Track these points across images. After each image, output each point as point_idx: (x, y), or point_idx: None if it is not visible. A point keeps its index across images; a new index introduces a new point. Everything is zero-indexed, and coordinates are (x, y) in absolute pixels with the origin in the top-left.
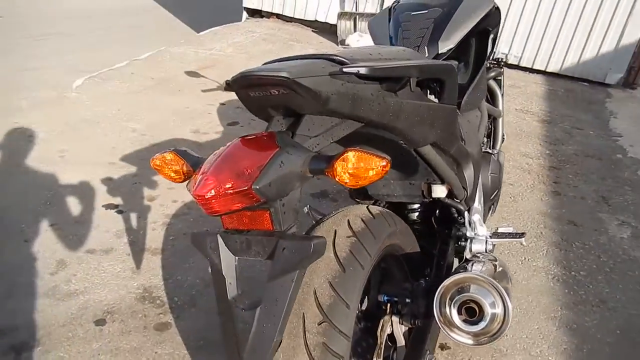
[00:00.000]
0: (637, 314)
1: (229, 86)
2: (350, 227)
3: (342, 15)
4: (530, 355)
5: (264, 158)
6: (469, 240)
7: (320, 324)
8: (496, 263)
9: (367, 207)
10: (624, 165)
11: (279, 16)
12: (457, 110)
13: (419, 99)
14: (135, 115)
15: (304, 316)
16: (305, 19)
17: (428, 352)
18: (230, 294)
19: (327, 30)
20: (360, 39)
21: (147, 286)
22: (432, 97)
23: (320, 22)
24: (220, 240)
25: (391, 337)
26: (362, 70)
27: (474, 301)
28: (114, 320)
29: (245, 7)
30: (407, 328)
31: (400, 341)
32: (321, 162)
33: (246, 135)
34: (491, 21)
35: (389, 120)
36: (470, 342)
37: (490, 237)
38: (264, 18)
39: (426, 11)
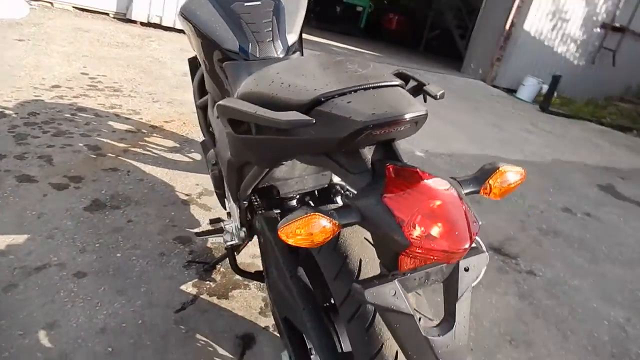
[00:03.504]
0: None
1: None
2: None
3: None
4: None
5: (455, 197)
6: None
7: None
8: None
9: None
10: None
11: None
12: None
13: None
14: None
15: None
16: None
17: None
18: (422, 329)
19: None
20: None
21: None
22: None
23: None
24: (398, 284)
25: None
26: (439, 94)
27: None
28: None
29: None
30: None
31: None
32: (474, 185)
33: (400, 174)
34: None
35: None
36: None
37: None
38: None
39: (259, 2)
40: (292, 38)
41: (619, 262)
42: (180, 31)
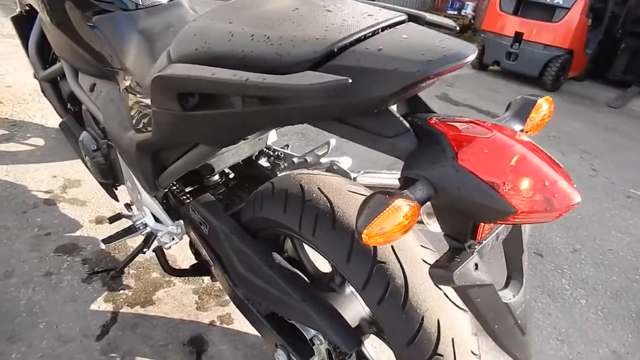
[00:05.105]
0: None
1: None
2: (323, 193)
3: None
4: None
5: (531, 144)
6: None
7: None
8: None
9: (297, 174)
10: None
11: None
12: None
13: None
14: None
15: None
16: None
17: None
18: (501, 295)
19: None
20: None
21: None
22: None
23: None
24: (477, 256)
25: None
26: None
27: None
28: None
29: None
30: None
31: None
32: (519, 123)
33: (453, 128)
34: None
35: None
36: None
37: None
38: None
39: None
40: None
41: None
42: None
